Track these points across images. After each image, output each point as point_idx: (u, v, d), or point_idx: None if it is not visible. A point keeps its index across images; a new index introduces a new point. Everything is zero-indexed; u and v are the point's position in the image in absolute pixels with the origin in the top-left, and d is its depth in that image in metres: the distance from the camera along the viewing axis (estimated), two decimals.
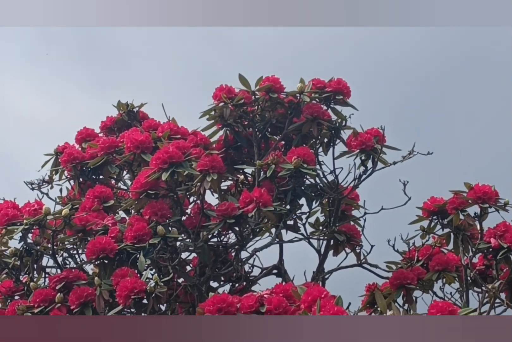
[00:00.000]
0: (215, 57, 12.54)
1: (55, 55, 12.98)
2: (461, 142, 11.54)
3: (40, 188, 5.82)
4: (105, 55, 13.25)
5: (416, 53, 12.20)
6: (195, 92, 5.33)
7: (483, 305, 5.15)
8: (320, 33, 11.04)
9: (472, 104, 11.71)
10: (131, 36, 12.26)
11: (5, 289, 5.30)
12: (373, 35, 11.15)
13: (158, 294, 4.91)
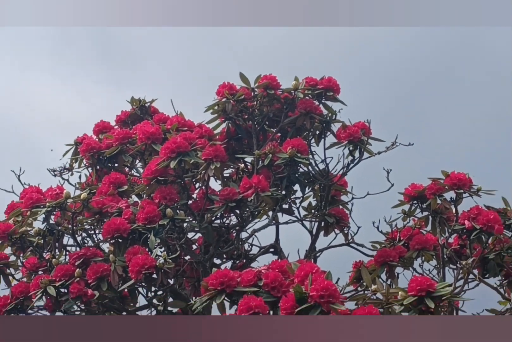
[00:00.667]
0: (218, 56, 12.58)
1: (76, 54, 13.08)
2: (439, 135, 11.55)
3: (62, 175, 5.80)
4: (120, 54, 13.35)
5: (403, 53, 12.23)
6: (201, 88, 5.29)
7: (458, 281, 5.14)
8: (315, 33, 11.07)
9: (451, 101, 11.74)
10: (143, 36, 12.35)
11: (30, 265, 5.29)
12: (366, 35, 11.16)
13: (166, 269, 4.89)
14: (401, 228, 5.38)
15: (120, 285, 4.91)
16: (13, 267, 5.39)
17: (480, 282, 5.11)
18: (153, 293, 5.29)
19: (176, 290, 5.29)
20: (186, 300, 5.19)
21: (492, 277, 5.13)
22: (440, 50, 11.98)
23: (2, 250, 5.35)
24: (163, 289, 5.23)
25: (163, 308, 5.33)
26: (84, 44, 13.10)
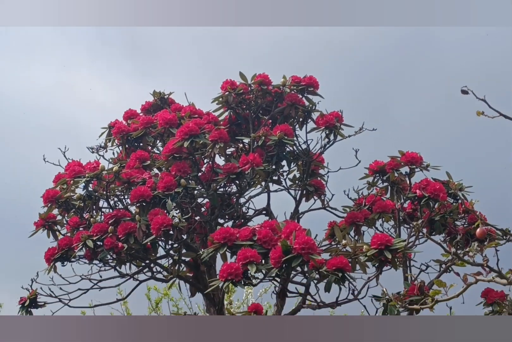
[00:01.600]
0: (222, 55, 12.60)
1: (109, 52, 13.14)
2: (398, 120, 11.59)
3: (98, 152, 5.86)
4: (145, 53, 13.36)
5: (369, 49, 12.20)
6: (208, 83, 5.33)
7: (410, 237, 5.21)
8: (300, 33, 11.00)
9: (409, 92, 11.75)
10: (163, 37, 12.33)
11: (73, 223, 5.35)
12: (345, 34, 11.05)
13: (180, 227, 4.97)
14: (366, 196, 5.42)
15: (144, 239, 4.97)
16: (60, 225, 5.45)
17: (428, 239, 5.12)
18: (170, 246, 5.37)
19: (188, 243, 5.35)
20: (196, 251, 5.25)
21: (437, 234, 5.18)
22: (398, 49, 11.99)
23: (51, 211, 5.39)
24: (178, 243, 5.30)
25: (178, 258, 5.41)
26: (115, 43, 13.15)
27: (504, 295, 4.76)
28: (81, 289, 5.37)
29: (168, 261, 5.46)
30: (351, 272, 4.52)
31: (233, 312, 5.96)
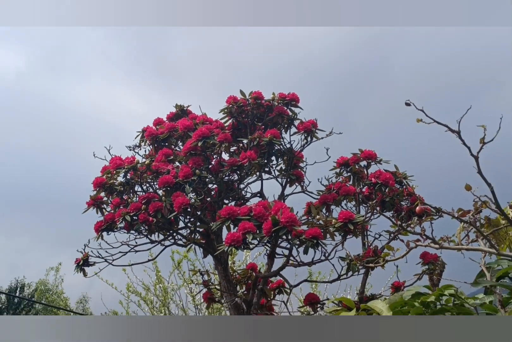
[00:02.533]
0: (228, 75, 12.71)
1: (141, 70, 13.30)
2: (358, 125, 11.68)
3: (134, 150, 5.86)
4: (169, 73, 13.52)
5: (336, 70, 12.26)
6: (217, 97, 5.33)
7: (367, 213, 5.21)
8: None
9: (367, 101, 11.83)
10: (184, 60, 12.43)
11: (115, 203, 5.35)
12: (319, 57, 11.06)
13: (195, 205, 5.01)
14: (334, 182, 5.42)
15: (168, 215, 4.99)
16: (105, 204, 5.46)
17: (380, 214, 5.17)
18: (187, 220, 5.39)
19: (201, 218, 5.36)
20: (207, 224, 5.27)
21: (387, 211, 5.18)
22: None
23: (99, 193, 5.40)
24: (193, 217, 5.33)
25: (193, 228, 5.42)
26: (147, 65, 13.32)
27: (437, 257, 4.78)
28: (122, 252, 5.39)
29: (187, 231, 5.49)
30: (323, 239, 4.54)
31: (235, 269, 5.95)
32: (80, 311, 17.42)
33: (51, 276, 20.75)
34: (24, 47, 50.94)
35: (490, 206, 2.94)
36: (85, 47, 34.54)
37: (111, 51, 18.12)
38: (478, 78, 50.42)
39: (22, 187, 34.16)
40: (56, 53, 45.08)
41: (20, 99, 40.47)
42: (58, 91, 45.29)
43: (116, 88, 16.03)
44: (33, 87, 45.37)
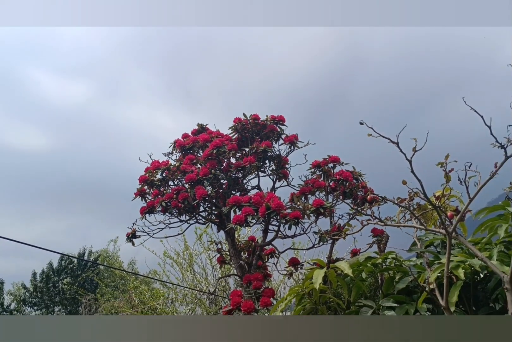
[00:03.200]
0: (235, 100, 12.61)
1: (172, 97, 13.13)
2: (327, 138, 11.62)
3: (168, 155, 5.79)
4: (193, 99, 13.38)
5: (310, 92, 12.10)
6: (227, 118, 5.26)
7: (334, 200, 5.19)
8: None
9: (334, 118, 11.73)
10: (202, 89, 12.26)
11: (155, 193, 5.30)
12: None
13: (212, 195, 4.98)
14: (310, 179, 5.39)
15: (192, 202, 4.99)
16: (148, 194, 5.40)
17: (342, 201, 5.17)
18: (206, 205, 5.38)
19: (216, 204, 5.35)
20: (220, 208, 5.26)
21: (348, 199, 5.19)
22: None
23: (143, 187, 5.36)
24: (210, 204, 5.33)
25: (210, 211, 5.42)
26: (177, 93, 13.20)
27: (383, 231, 4.76)
28: (159, 228, 5.36)
29: (205, 213, 5.46)
30: (302, 219, 4.52)
31: (240, 240, 5.93)
32: (130, 270, 17.42)
33: (111, 246, 20.94)
34: (88, 81, 50.98)
35: (420, 195, 2.96)
36: (133, 81, 34.51)
37: (152, 84, 18.06)
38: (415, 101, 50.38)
39: (87, 181, 34.02)
40: (112, 85, 45.04)
41: (88, 118, 40.40)
42: (115, 113, 45.16)
43: (156, 111, 15.95)
44: (96, 109, 45.37)
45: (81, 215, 33.77)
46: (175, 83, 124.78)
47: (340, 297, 4.18)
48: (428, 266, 3.16)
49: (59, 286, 22.60)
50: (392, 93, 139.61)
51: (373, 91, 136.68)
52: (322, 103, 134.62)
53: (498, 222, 3.25)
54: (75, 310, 22.14)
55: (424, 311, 3.16)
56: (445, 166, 2.87)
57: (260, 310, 4.27)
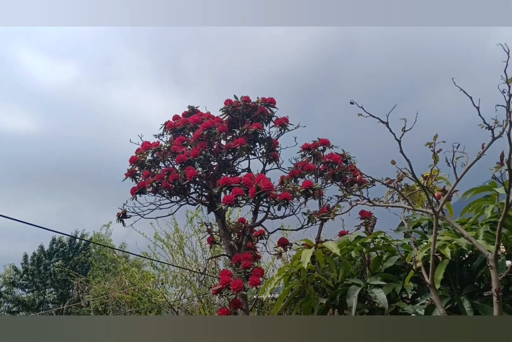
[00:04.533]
0: (226, 84, 12.50)
1: (164, 80, 13.05)
2: (317, 120, 11.61)
3: (159, 137, 5.76)
4: (185, 81, 13.30)
5: (302, 74, 12.06)
6: (218, 99, 5.20)
7: (323, 183, 5.20)
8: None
9: (324, 100, 11.71)
10: (193, 70, 12.17)
11: (145, 174, 5.28)
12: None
13: (202, 176, 4.97)
14: (300, 161, 5.39)
15: (183, 183, 4.97)
16: (138, 175, 5.39)
17: (332, 183, 5.17)
18: (197, 186, 5.38)
19: (206, 185, 5.33)
20: (211, 189, 5.25)
21: (337, 181, 5.19)
22: None
23: (134, 168, 5.37)
24: (200, 185, 5.32)
25: (201, 193, 5.41)
26: (167, 75, 13.07)
27: (371, 213, 4.79)
28: (150, 209, 5.35)
29: (196, 195, 5.46)
30: (291, 200, 4.53)
31: (230, 222, 5.94)
32: (121, 253, 17.47)
33: (104, 230, 21.10)
34: (77, 62, 50.20)
35: (409, 176, 2.96)
36: (123, 63, 34.05)
37: (142, 66, 17.70)
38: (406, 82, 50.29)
39: (77, 163, 33.83)
40: (102, 66, 44.46)
41: (77, 99, 39.97)
42: (105, 94, 44.63)
43: (147, 93, 15.70)
44: (86, 91, 44.88)
45: (72, 197, 33.59)
46: (166, 66, 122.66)
47: (328, 277, 4.22)
48: (415, 245, 3.18)
49: (50, 269, 22.59)
50: (383, 75, 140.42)
51: (364, 72, 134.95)
52: (313, 86, 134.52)
53: (484, 203, 3.27)
54: (66, 292, 22.20)
55: (410, 289, 3.19)
56: (434, 147, 2.87)
57: (249, 289, 4.30)
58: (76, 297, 16.79)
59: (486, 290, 3.09)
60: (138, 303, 12.18)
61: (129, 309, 12.57)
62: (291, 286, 3.67)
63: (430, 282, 2.85)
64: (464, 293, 3.05)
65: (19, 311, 21.80)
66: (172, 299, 11.05)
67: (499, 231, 2.57)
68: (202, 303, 10.26)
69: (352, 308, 3.11)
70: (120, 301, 12.75)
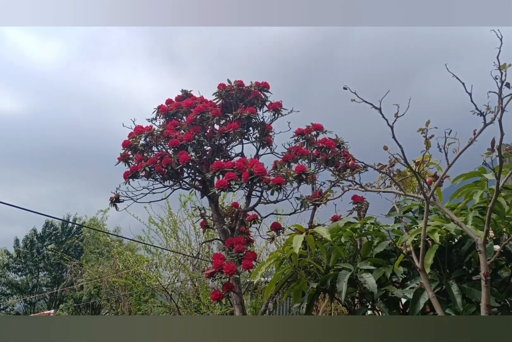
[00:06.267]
0: (220, 66, 12.41)
1: (157, 62, 12.91)
2: (311, 105, 11.59)
3: (152, 121, 5.73)
4: (178, 64, 13.18)
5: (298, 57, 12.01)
6: (211, 83, 5.15)
7: (316, 168, 5.22)
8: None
9: (318, 85, 11.66)
10: (187, 49, 12.07)
11: (138, 158, 5.26)
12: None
13: (195, 161, 4.97)
14: (293, 146, 5.38)
15: (176, 167, 4.97)
16: (131, 159, 5.37)
17: (325, 168, 5.19)
18: (190, 171, 5.39)
19: (200, 170, 5.33)
20: (204, 174, 5.26)
21: (330, 166, 5.18)
22: None
23: (127, 152, 5.36)
24: (193, 169, 5.33)
25: (194, 177, 5.42)
26: (160, 62, 12.94)
27: (363, 198, 4.82)
28: (143, 193, 5.35)
29: (189, 179, 5.47)
30: (284, 185, 4.55)
31: (224, 206, 5.95)
32: (115, 237, 17.51)
33: (100, 215, 21.08)
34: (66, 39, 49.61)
35: (401, 162, 2.98)
36: (115, 42, 33.68)
37: (135, 45, 17.40)
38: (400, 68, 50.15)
39: (69, 146, 33.67)
40: (92, 47, 44.13)
41: (67, 80, 39.50)
42: (96, 75, 44.22)
43: (139, 74, 15.50)
44: (76, 70, 44.37)
45: (64, 180, 33.52)
46: (159, 46, 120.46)
47: (320, 262, 4.27)
48: (406, 230, 3.23)
49: (43, 252, 22.65)
50: (377, 60, 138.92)
51: (359, 56, 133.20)
52: (307, 69, 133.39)
53: (474, 188, 3.31)
54: (59, 276, 22.31)
55: (400, 274, 3.25)
56: (426, 133, 2.89)
57: (242, 272, 4.34)
58: (69, 280, 16.91)
59: (474, 274, 3.15)
60: (132, 287, 12.28)
61: (122, 293, 12.68)
62: (282, 271, 3.72)
63: (420, 266, 2.90)
64: (452, 277, 3.11)
65: (12, 294, 21.93)
66: (166, 283, 11.14)
67: (488, 216, 2.61)
68: (196, 286, 10.37)
69: (342, 293, 3.16)
70: (113, 285, 12.85)
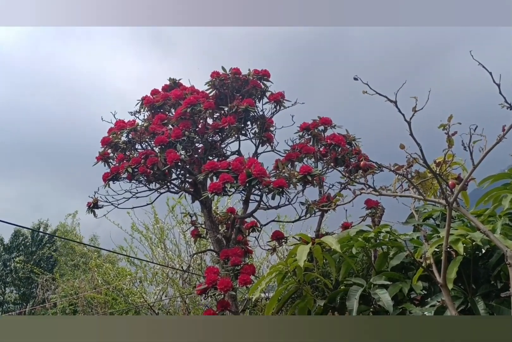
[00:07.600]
0: (213, 53, 12.41)
1: (143, 49, 12.92)
2: (318, 96, 11.60)
3: (135, 114, 5.78)
4: (166, 50, 13.19)
5: (303, 45, 12.04)
6: (203, 71, 5.16)
7: (324, 168, 5.25)
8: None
9: (327, 74, 11.70)
10: (177, 36, 12.10)
11: (119, 158, 5.30)
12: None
13: (185, 160, 5.01)
14: (298, 143, 5.42)
15: (163, 167, 5.00)
16: (111, 159, 5.40)
17: (334, 169, 5.20)
18: (179, 172, 5.42)
19: (190, 170, 5.36)
20: (195, 175, 5.28)
21: (339, 166, 5.20)
22: None
23: (106, 150, 5.39)
24: (183, 170, 5.36)
25: (184, 179, 5.45)
26: (148, 44, 12.98)
27: (378, 203, 4.85)
28: (125, 197, 5.40)
29: (178, 181, 5.50)
30: (287, 188, 4.59)
31: (218, 212, 5.99)
32: (92, 247, 17.50)
33: (69, 220, 20.90)
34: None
35: (419, 162, 3.00)
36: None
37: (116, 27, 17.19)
38: (416, 60, 50.27)
39: (40, 141, 33.69)
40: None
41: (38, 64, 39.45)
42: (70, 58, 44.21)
43: (123, 58, 15.33)
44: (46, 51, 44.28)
45: (34, 180, 33.55)
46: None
47: (328, 276, 4.31)
48: (426, 240, 3.25)
49: (10, 265, 22.65)
50: (392, 49, 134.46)
51: (371, 43, 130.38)
52: (314, 56, 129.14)
53: (503, 192, 3.33)
54: (29, 292, 22.31)
55: (419, 290, 3.27)
56: (448, 129, 2.90)
57: (238, 288, 4.38)
58: (41, 297, 16.92)
59: (503, 290, 3.18)
60: (113, 304, 12.28)
61: (102, 310, 12.70)
62: (285, 286, 3.75)
63: (442, 281, 2.92)
64: (479, 293, 3.14)
65: None
66: (152, 300, 11.15)
67: None
68: (186, 304, 10.39)
69: (353, 311, 3.19)
70: (91, 302, 12.86)
